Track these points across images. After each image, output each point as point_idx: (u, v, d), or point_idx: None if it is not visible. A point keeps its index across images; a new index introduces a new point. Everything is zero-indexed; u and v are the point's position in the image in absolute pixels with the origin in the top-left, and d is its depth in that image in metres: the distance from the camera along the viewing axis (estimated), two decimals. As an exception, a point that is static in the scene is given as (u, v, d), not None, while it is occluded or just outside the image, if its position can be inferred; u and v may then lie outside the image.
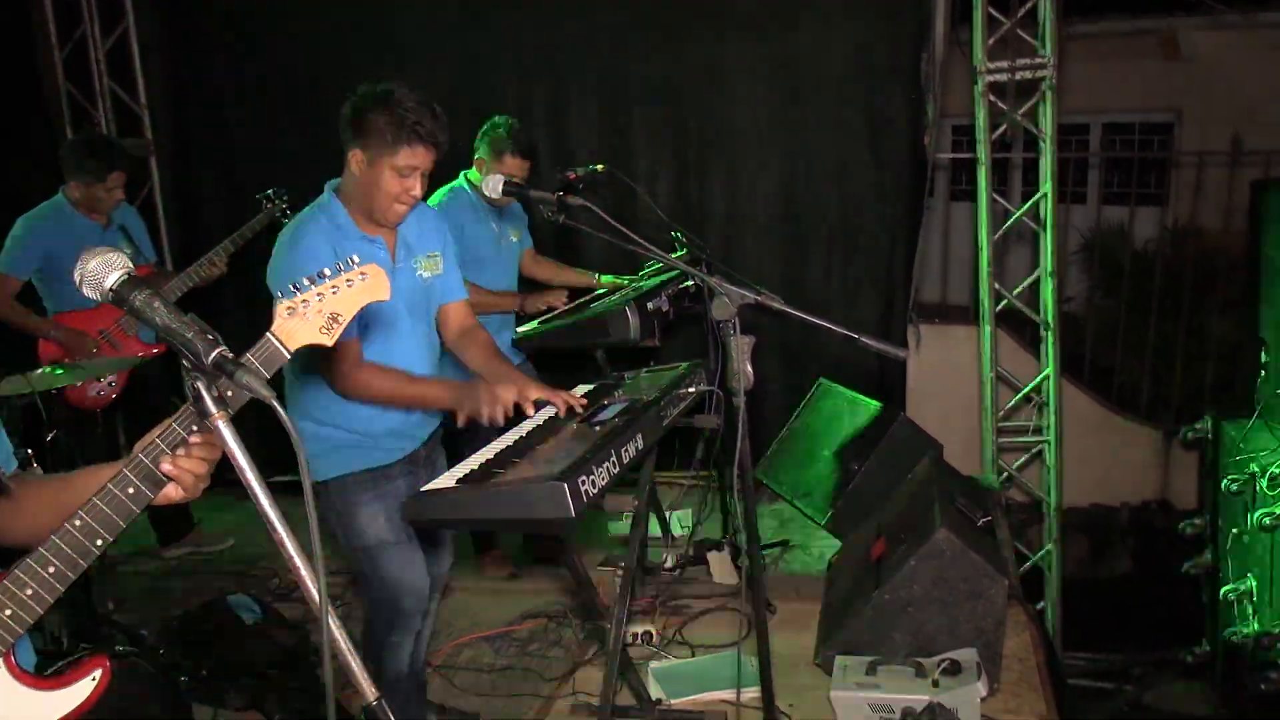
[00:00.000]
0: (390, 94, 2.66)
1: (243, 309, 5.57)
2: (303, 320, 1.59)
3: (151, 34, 5.99)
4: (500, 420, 2.69)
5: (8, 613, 1.48)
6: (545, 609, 4.26)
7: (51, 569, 1.49)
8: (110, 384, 4.47)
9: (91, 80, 6.01)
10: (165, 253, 5.95)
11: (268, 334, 1.59)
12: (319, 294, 1.60)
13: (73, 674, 1.61)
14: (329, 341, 1.61)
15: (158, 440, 1.55)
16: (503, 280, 4.33)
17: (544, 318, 4.27)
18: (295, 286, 1.61)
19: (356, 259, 1.67)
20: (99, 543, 1.51)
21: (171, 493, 1.58)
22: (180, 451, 1.55)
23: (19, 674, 1.55)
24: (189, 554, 5.07)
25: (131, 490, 1.52)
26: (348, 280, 1.63)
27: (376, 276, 1.66)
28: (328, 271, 1.63)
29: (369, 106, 2.67)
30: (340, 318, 1.61)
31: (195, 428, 1.55)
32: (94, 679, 1.62)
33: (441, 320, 3.08)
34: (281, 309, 1.59)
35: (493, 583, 4.59)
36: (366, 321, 2.78)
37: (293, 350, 1.59)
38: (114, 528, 1.52)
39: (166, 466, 1.54)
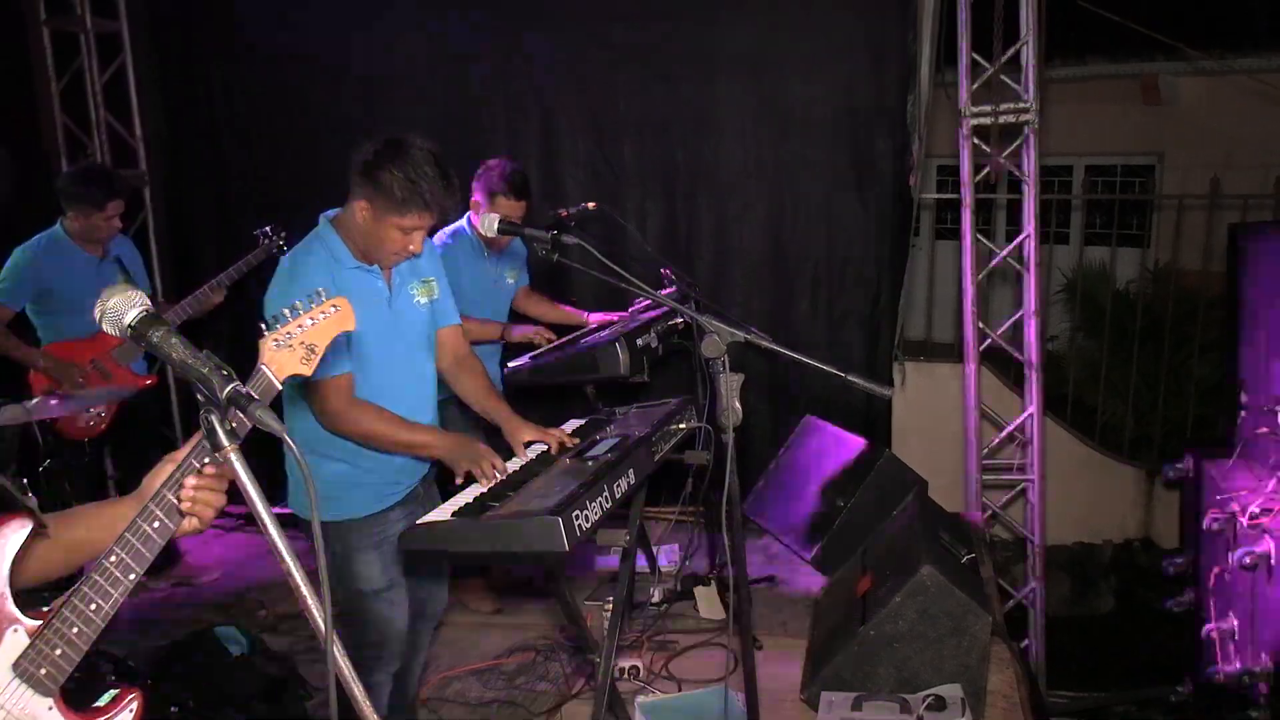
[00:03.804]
0: (409, 154, 2.65)
1: (238, 342, 5.57)
2: (289, 352, 1.69)
3: (148, 68, 6.05)
4: (496, 477, 2.72)
5: (58, 652, 1.55)
6: (533, 643, 4.27)
7: (93, 605, 1.55)
8: (100, 414, 4.48)
9: (88, 113, 6.06)
10: (157, 284, 5.97)
11: (260, 365, 1.68)
12: (299, 325, 1.71)
13: (111, 706, 1.68)
14: (308, 372, 1.72)
15: (176, 474, 1.61)
16: (494, 319, 4.34)
17: (534, 353, 4.30)
18: (276, 319, 1.71)
19: (322, 291, 1.78)
20: (131, 576, 1.58)
21: (186, 525, 1.64)
22: (191, 480, 1.61)
23: (67, 712, 1.60)
24: (175, 584, 5.06)
25: (157, 524, 1.59)
26: (322, 312, 1.74)
27: (344, 308, 1.78)
28: (300, 304, 1.73)
29: (385, 163, 2.66)
30: (316, 349, 1.73)
31: (207, 460, 1.61)
32: (131, 711, 1.69)
33: (436, 345, 3.08)
34: (268, 342, 1.69)
35: (480, 616, 4.59)
36: (363, 352, 2.79)
37: (281, 381, 1.69)
38: (144, 561, 1.59)
39: (185, 494, 1.60)
